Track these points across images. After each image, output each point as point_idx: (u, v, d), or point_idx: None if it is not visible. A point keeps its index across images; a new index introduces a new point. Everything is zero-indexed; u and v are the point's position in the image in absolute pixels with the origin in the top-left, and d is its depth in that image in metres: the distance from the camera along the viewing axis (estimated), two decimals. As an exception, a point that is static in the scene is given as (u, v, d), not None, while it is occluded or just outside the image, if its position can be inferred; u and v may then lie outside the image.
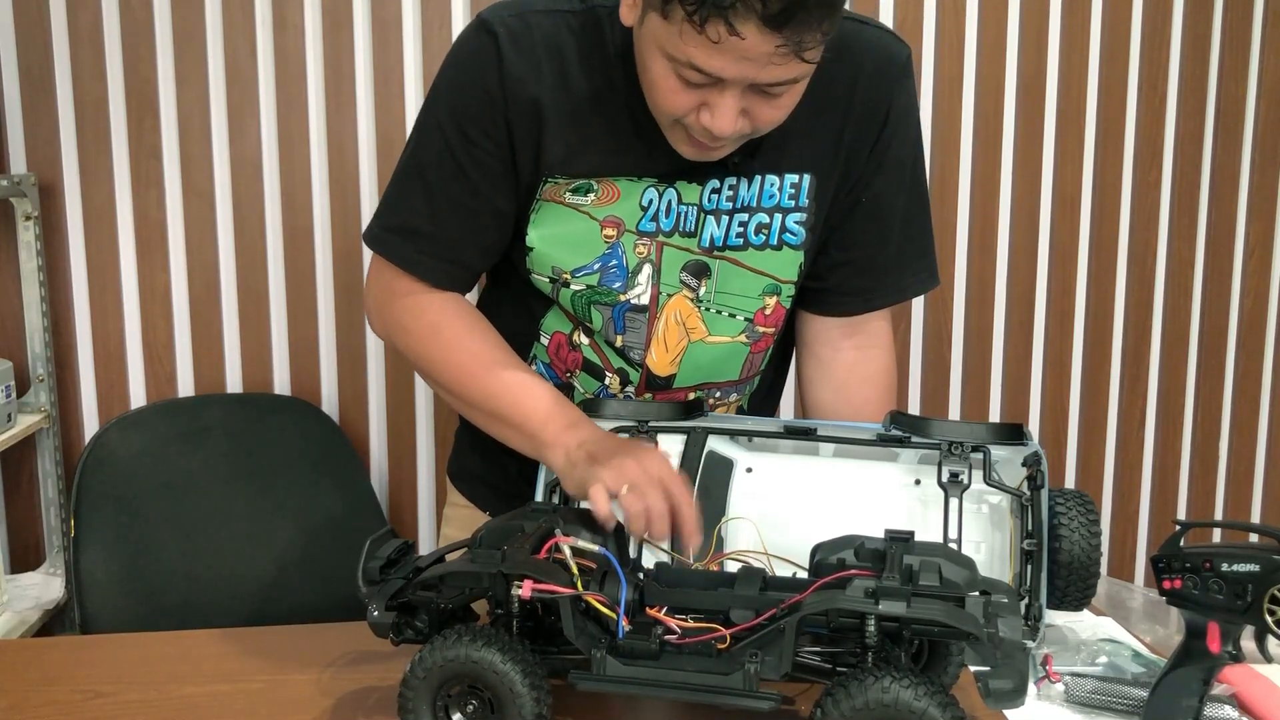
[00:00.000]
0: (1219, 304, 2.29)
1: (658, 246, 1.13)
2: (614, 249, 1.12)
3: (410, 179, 1.14)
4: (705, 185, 1.12)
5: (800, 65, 0.92)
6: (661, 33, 0.94)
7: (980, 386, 2.25)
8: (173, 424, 1.89)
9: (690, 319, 1.15)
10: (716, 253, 1.14)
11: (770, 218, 1.13)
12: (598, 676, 0.86)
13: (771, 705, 0.84)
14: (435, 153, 1.11)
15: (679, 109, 0.99)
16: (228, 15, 1.95)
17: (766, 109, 0.98)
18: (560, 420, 1.05)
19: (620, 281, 1.13)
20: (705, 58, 0.92)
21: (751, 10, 0.86)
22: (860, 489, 1.02)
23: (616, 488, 0.93)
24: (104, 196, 1.97)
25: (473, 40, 1.09)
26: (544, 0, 1.09)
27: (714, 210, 1.12)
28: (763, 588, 0.88)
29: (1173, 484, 2.34)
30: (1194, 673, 0.85)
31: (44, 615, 1.88)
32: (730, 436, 1.07)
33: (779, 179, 1.13)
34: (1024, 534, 0.93)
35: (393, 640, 0.96)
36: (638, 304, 1.14)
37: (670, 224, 1.12)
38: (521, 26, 1.07)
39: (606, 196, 1.11)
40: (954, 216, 2.18)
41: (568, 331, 1.19)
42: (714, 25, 0.88)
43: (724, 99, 0.96)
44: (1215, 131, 2.23)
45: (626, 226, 1.12)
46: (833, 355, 1.23)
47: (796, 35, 0.88)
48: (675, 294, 1.14)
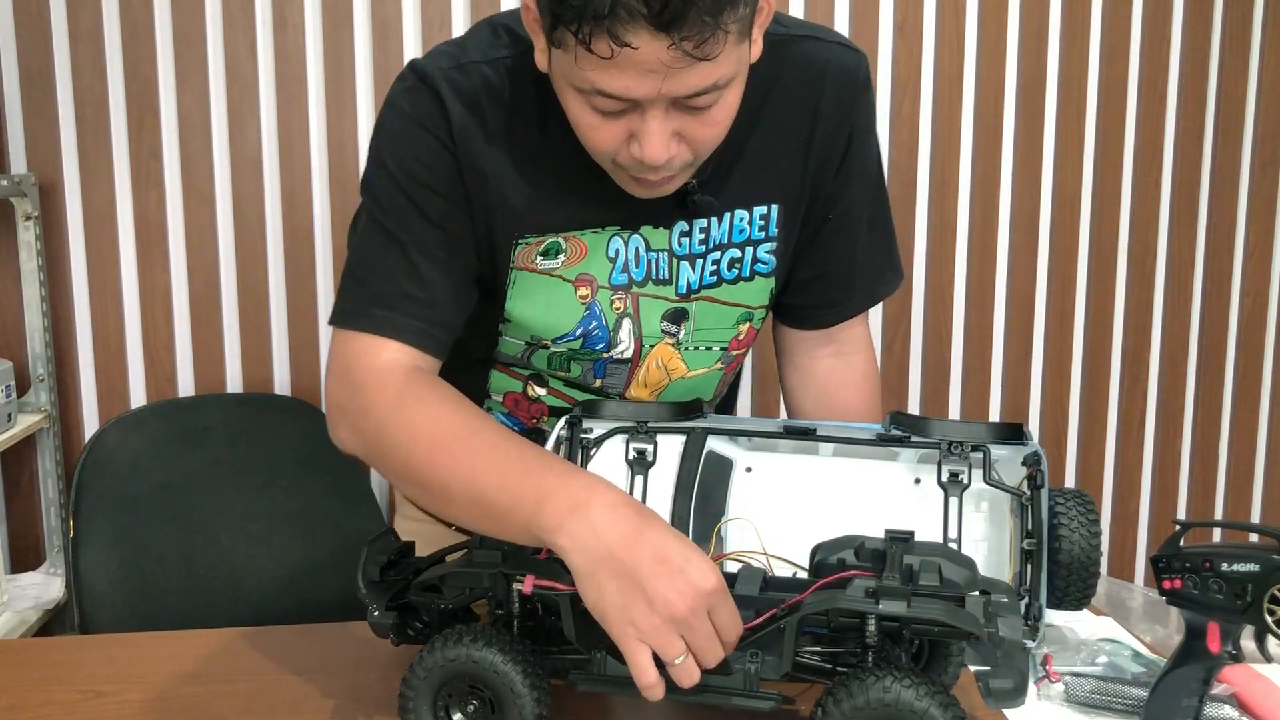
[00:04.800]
0: (1219, 304, 2.29)
1: (634, 299, 1.08)
2: (591, 309, 1.07)
3: (381, 246, 1.01)
4: (673, 229, 1.07)
5: (711, 68, 0.85)
6: (562, 64, 0.88)
7: (980, 386, 2.25)
8: (172, 424, 1.89)
9: (671, 361, 1.12)
10: (694, 296, 1.11)
11: (742, 251, 1.11)
12: (598, 676, 0.86)
13: (771, 705, 0.84)
14: (402, 213, 1.01)
15: (607, 145, 0.92)
16: (228, 15, 1.95)
17: (699, 127, 0.91)
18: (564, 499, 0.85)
19: (603, 343, 1.09)
20: (605, 79, 0.85)
21: (634, 15, 0.80)
22: (859, 488, 1.02)
23: (667, 655, 0.80)
24: (104, 196, 1.97)
25: (414, 96, 1.00)
26: (478, 47, 1.02)
27: (687, 255, 1.08)
28: (763, 588, 0.88)
29: (1173, 484, 2.34)
30: (1194, 673, 0.85)
31: (44, 615, 1.88)
32: (729, 436, 1.07)
33: (748, 213, 1.09)
34: (1023, 533, 0.93)
35: (393, 640, 0.96)
36: (621, 358, 1.11)
37: (642, 273, 1.08)
38: (463, 79, 0.99)
39: (575, 255, 1.05)
40: (954, 216, 2.19)
41: (519, 389, 1.14)
42: (600, 40, 0.82)
43: (648, 124, 0.89)
44: (1215, 131, 2.23)
45: (599, 283, 1.06)
46: (811, 364, 1.23)
47: (691, 32, 0.81)
48: (658, 343, 1.11)
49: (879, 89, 2.12)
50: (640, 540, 0.82)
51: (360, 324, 1.00)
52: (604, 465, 1.05)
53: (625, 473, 1.05)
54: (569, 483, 0.86)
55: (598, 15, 0.80)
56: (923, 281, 2.20)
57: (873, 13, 2.09)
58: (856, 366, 1.23)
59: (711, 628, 0.81)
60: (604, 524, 0.82)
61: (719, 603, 0.81)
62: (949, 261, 2.19)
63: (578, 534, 0.82)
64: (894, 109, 2.13)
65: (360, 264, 1.03)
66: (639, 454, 1.05)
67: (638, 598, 0.80)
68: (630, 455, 1.05)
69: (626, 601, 0.80)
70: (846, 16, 2.08)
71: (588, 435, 1.05)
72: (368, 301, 1.00)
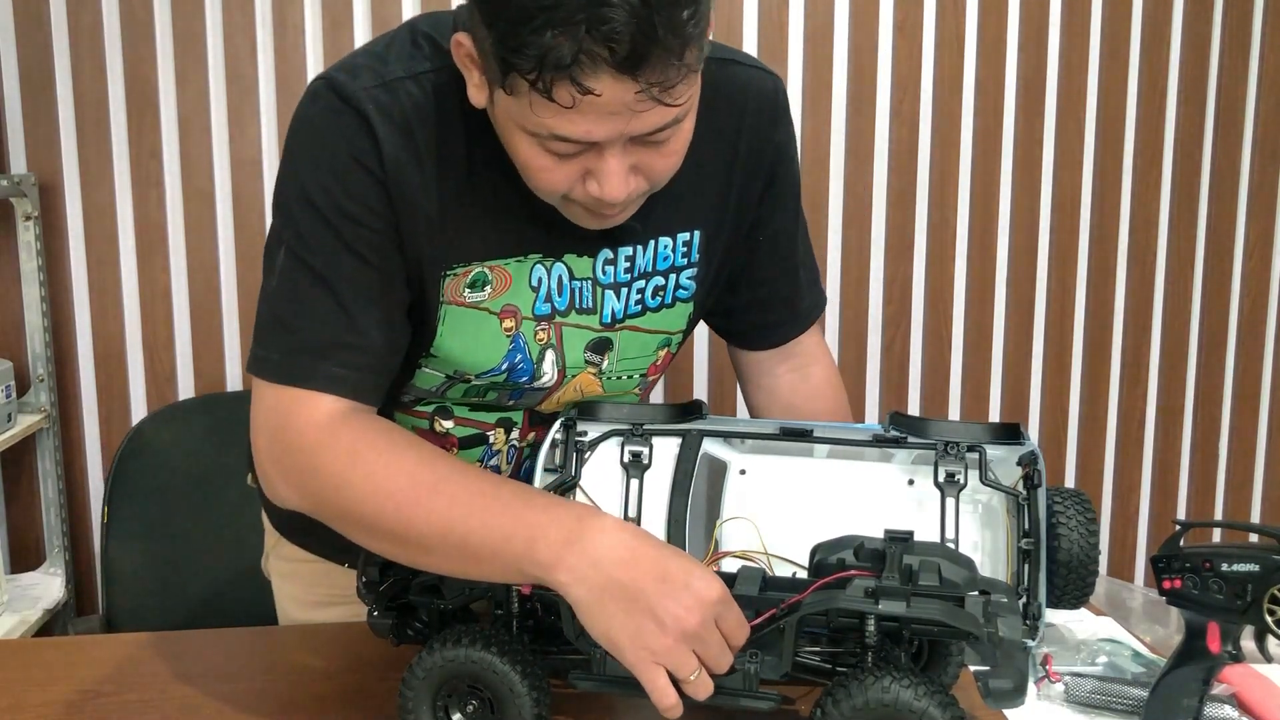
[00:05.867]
0: (1219, 304, 2.29)
1: (556, 329, 1.04)
2: (516, 341, 1.02)
3: (307, 286, 0.92)
4: (596, 257, 1.03)
5: (673, 107, 0.82)
6: (513, 109, 0.83)
7: (980, 386, 2.25)
8: (213, 418, 1.90)
9: (590, 387, 1.09)
10: (618, 325, 1.07)
11: (665, 279, 1.08)
12: (598, 676, 0.86)
13: (771, 705, 0.84)
14: (329, 249, 0.92)
15: (561, 185, 0.88)
16: (228, 15, 1.95)
17: (657, 159, 0.88)
18: (556, 533, 0.83)
19: (527, 376, 1.04)
20: (566, 125, 0.81)
21: (598, 60, 0.76)
22: (854, 489, 1.02)
23: (683, 674, 0.81)
24: (104, 196, 1.97)
25: (339, 121, 0.91)
26: (400, 59, 0.94)
27: (611, 284, 1.05)
28: (762, 588, 0.88)
29: (1173, 484, 2.34)
30: (1194, 673, 0.85)
31: (44, 615, 1.88)
32: (724, 438, 1.07)
33: (672, 240, 1.07)
34: (1020, 533, 0.93)
35: (393, 640, 0.96)
36: (541, 387, 1.07)
37: (565, 302, 1.03)
38: (390, 100, 0.91)
39: (500, 285, 1.00)
40: (954, 216, 2.19)
41: (426, 426, 1.07)
42: (561, 89, 0.78)
43: (606, 163, 0.85)
44: (1215, 131, 2.23)
45: (523, 314, 1.01)
46: (774, 383, 1.22)
47: (656, 75, 0.78)
48: (580, 372, 1.07)
49: (879, 89, 2.12)
50: (639, 562, 0.81)
51: (292, 378, 0.92)
52: (599, 468, 1.05)
53: (620, 475, 1.05)
54: (558, 516, 0.84)
55: (559, 65, 0.76)
56: (923, 281, 2.20)
57: (873, 13, 2.09)
58: (818, 376, 1.23)
59: (720, 636, 0.82)
60: (601, 552, 0.82)
61: (725, 610, 0.82)
62: (949, 261, 2.19)
63: (577, 567, 0.82)
64: (894, 109, 2.13)
65: (285, 306, 0.94)
66: (634, 456, 1.05)
67: (647, 621, 0.80)
68: (625, 458, 1.05)
69: (637, 626, 0.80)
70: (846, 16, 2.08)
71: (582, 438, 1.05)
72: (298, 352, 0.92)
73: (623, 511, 1.04)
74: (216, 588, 1.78)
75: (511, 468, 1.11)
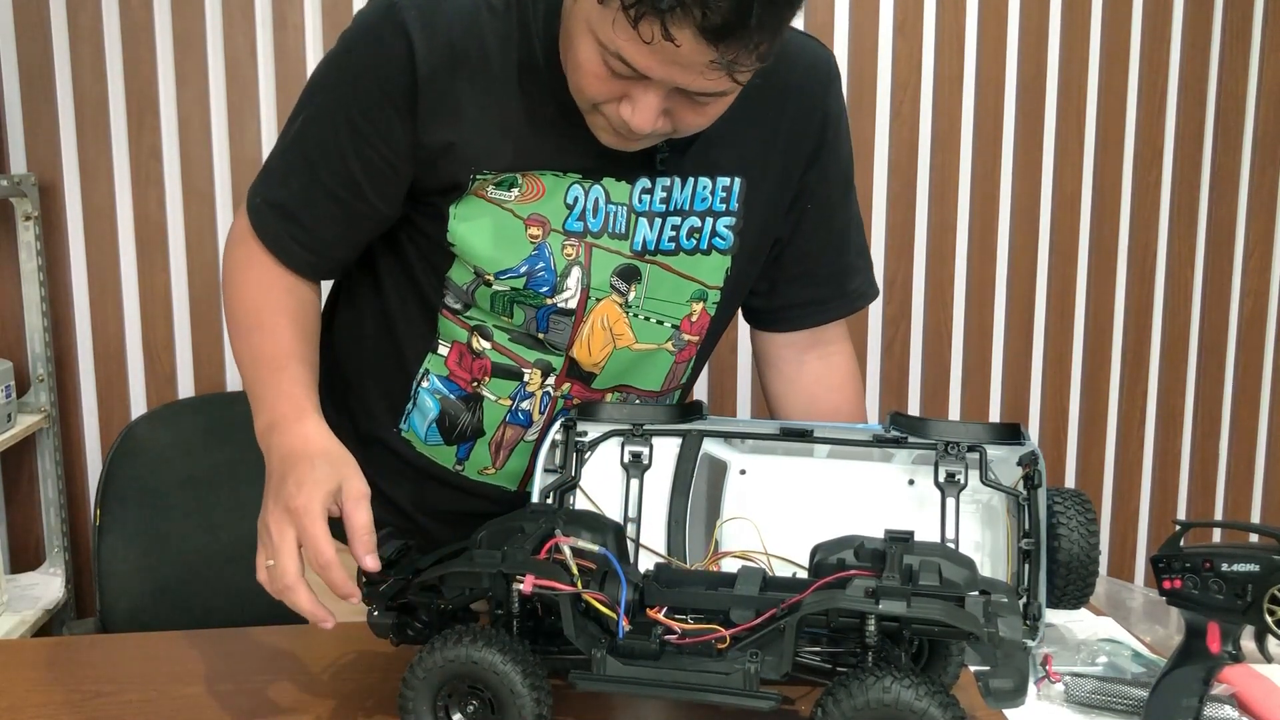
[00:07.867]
0: (1219, 304, 2.30)
1: (586, 248, 1.06)
2: (540, 250, 1.05)
3: (295, 156, 1.07)
4: (635, 185, 1.06)
5: (731, 81, 0.88)
6: (595, 15, 0.89)
7: (980, 386, 2.25)
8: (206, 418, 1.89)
9: (618, 324, 1.10)
10: (648, 257, 1.09)
11: (702, 221, 1.10)
12: (598, 676, 0.86)
13: (771, 705, 0.84)
14: (321, 139, 1.04)
15: (599, 95, 0.94)
16: (228, 15, 1.95)
17: (690, 114, 0.95)
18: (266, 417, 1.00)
19: (548, 286, 1.06)
20: (635, 53, 0.87)
21: (689, 18, 0.82)
22: (854, 490, 1.02)
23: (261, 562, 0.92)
24: (104, 196, 1.98)
25: (379, 28, 0.99)
26: None
27: (646, 212, 1.07)
28: (762, 588, 0.88)
29: (1173, 484, 2.34)
30: (1194, 673, 0.85)
31: (44, 615, 1.88)
32: (724, 439, 1.06)
33: (711, 181, 1.09)
34: (1020, 533, 0.93)
35: (393, 641, 0.96)
36: (564, 308, 1.08)
37: (599, 224, 1.06)
38: (432, 8, 0.99)
39: (531, 192, 1.04)
40: (954, 216, 2.19)
41: (464, 339, 1.11)
42: (648, 24, 0.84)
43: (647, 96, 0.91)
44: (1215, 131, 2.23)
45: (552, 226, 1.05)
46: (797, 370, 1.22)
47: (732, 52, 0.84)
48: (604, 298, 1.09)
49: (879, 89, 2.12)
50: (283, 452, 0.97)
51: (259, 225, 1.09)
52: (599, 468, 1.05)
53: (620, 476, 1.05)
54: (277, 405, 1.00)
55: (656, 5, 0.82)
56: (923, 281, 2.20)
57: (873, 13, 2.09)
58: (841, 367, 1.23)
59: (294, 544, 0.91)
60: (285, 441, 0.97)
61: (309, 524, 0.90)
62: (949, 261, 2.19)
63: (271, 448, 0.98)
64: (894, 109, 2.13)
65: (279, 165, 1.09)
66: (634, 457, 1.05)
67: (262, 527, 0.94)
68: (625, 458, 1.05)
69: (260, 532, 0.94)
70: (846, 16, 2.08)
71: (582, 439, 1.05)
72: (272, 206, 1.08)
73: (623, 512, 1.04)
74: (214, 588, 1.77)
75: (545, 416, 1.12)
